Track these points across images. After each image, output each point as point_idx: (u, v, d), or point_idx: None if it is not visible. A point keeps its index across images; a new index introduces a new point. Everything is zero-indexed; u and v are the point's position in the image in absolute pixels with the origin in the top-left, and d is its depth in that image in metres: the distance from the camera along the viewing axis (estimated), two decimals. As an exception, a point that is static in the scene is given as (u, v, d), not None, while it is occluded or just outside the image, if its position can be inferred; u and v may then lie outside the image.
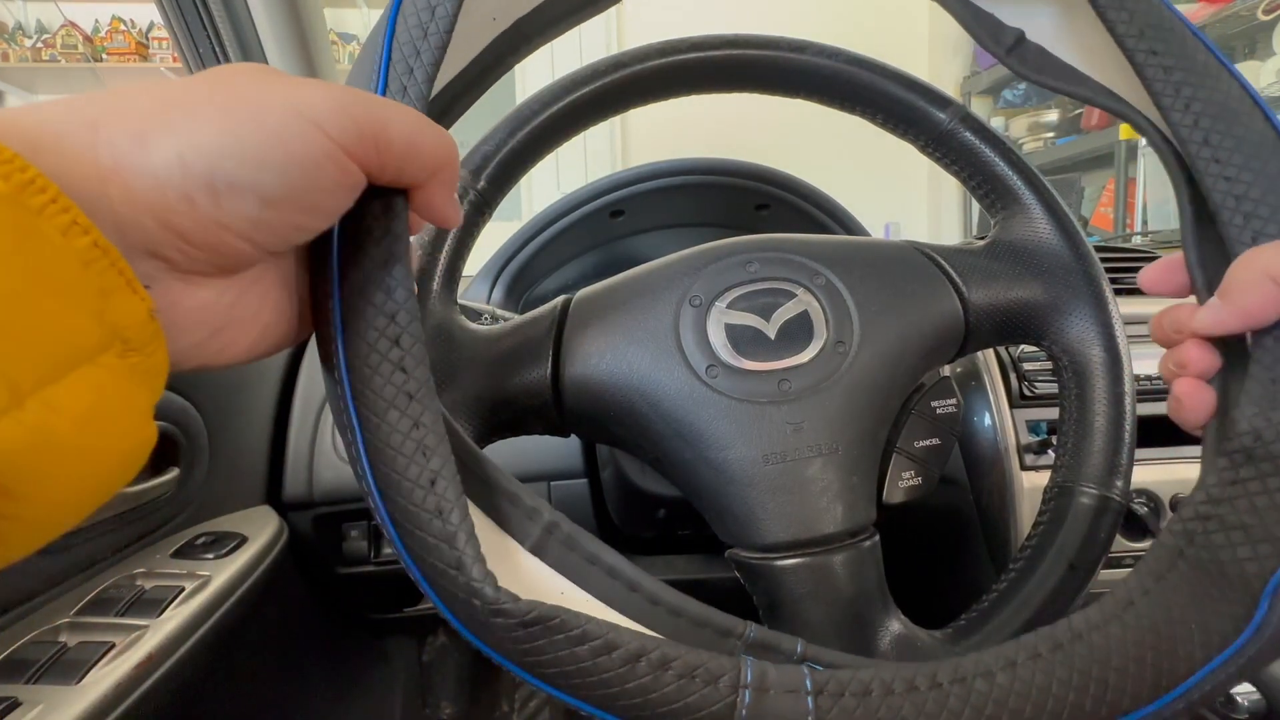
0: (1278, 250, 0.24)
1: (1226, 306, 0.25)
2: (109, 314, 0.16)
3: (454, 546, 0.21)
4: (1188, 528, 0.23)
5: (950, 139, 0.39)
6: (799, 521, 0.31)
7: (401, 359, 0.22)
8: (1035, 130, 2.37)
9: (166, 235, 0.18)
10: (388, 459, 0.21)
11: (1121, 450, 0.35)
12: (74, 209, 0.16)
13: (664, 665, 0.21)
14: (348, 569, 0.61)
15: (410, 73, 0.23)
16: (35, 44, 2.41)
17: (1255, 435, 0.23)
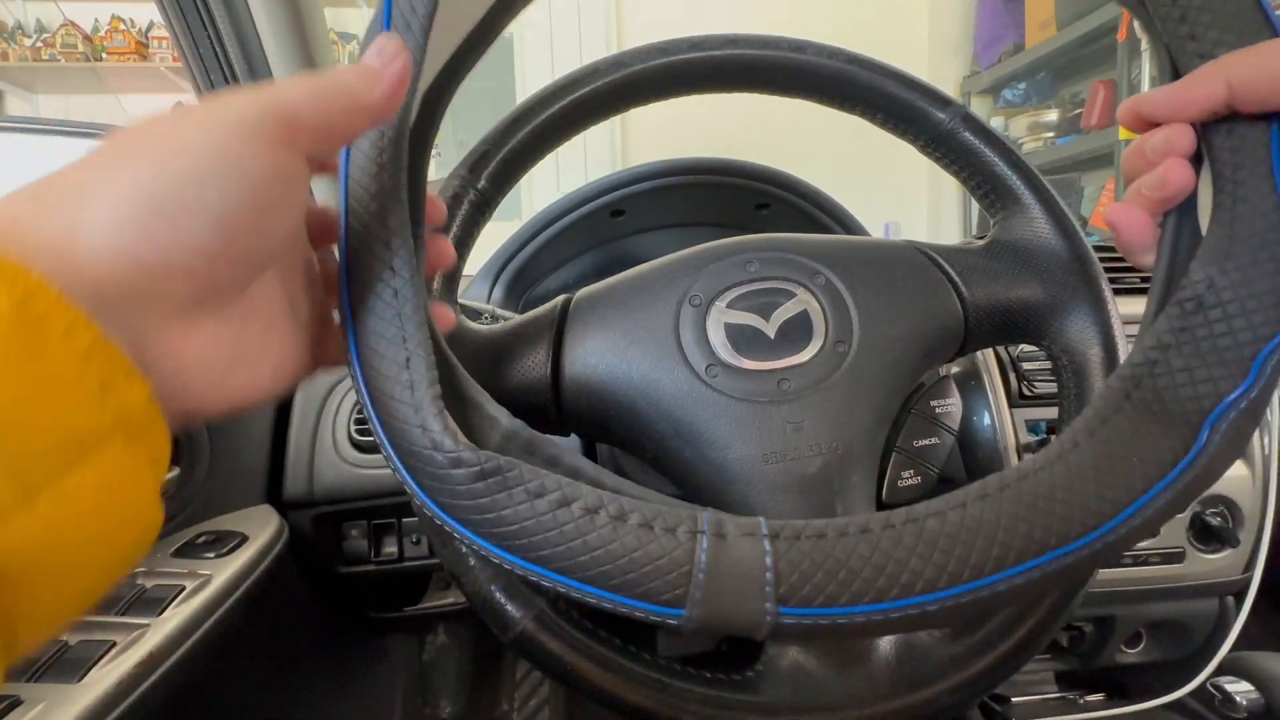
0: (1247, 53, 0.25)
1: (1173, 90, 0.26)
2: (111, 404, 0.17)
3: (419, 409, 0.22)
4: (1135, 372, 0.24)
5: (950, 139, 0.39)
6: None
7: (391, 259, 0.23)
8: (1035, 130, 2.37)
9: (143, 279, 0.18)
10: (371, 343, 0.23)
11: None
12: (74, 308, 0.16)
13: (622, 516, 0.21)
14: (348, 568, 0.61)
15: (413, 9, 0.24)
16: (35, 43, 2.41)
17: (1209, 283, 0.24)
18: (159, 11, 0.64)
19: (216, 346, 0.21)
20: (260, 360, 0.23)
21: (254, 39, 0.63)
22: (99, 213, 0.18)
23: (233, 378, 0.22)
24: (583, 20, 2.42)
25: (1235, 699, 0.49)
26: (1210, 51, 0.25)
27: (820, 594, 0.21)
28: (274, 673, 0.61)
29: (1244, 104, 0.24)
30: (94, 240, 0.18)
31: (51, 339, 0.16)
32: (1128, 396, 0.24)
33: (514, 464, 0.21)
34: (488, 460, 0.21)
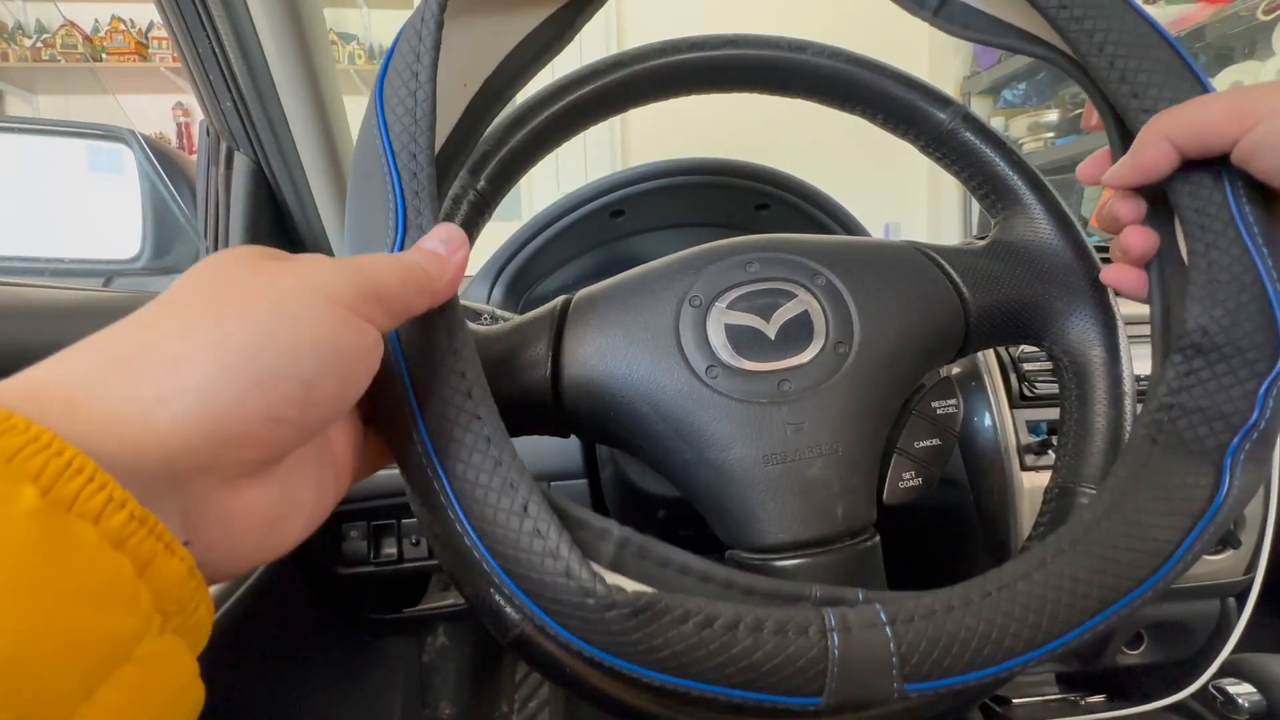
0: (1171, 113, 0.28)
1: (1129, 161, 0.29)
2: (146, 588, 0.16)
3: (559, 557, 0.23)
4: (1155, 419, 0.28)
5: (951, 139, 0.39)
6: (799, 522, 0.31)
7: (476, 408, 0.24)
8: (1035, 130, 2.37)
9: (217, 447, 0.18)
10: (479, 497, 0.23)
11: (1128, 435, 0.35)
12: (110, 483, 0.15)
13: (759, 627, 0.23)
14: (348, 569, 0.61)
15: (414, 158, 0.26)
16: (35, 44, 2.41)
17: (1203, 331, 0.27)
18: (159, 12, 0.64)
19: (266, 506, 0.21)
20: (299, 512, 0.23)
21: (254, 39, 0.63)
22: (194, 382, 0.17)
23: (273, 534, 0.22)
24: (583, 20, 2.41)
25: (1237, 701, 0.49)
26: (1153, 107, 0.28)
27: (939, 668, 0.23)
28: (273, 674, 0.61)
29: (1191, 155, 0.27)
30: (180, 411, 0.17)
31: (80, 535, 0.15)
32: (1154, 442, 0.27)
33: (659, 597, 0.23)
34: (638, 599, 0.22)
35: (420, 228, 0.25)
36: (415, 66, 0.27)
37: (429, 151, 0.26)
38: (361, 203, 0.27)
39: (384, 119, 0.26)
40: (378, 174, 0.26)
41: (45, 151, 0.84)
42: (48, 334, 0.43)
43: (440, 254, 0.25)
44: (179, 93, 2.55)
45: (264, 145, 0.68)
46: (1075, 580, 0.24)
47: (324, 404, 0.20)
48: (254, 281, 0.20)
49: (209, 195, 0.70)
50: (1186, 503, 0.25)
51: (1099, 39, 0.29)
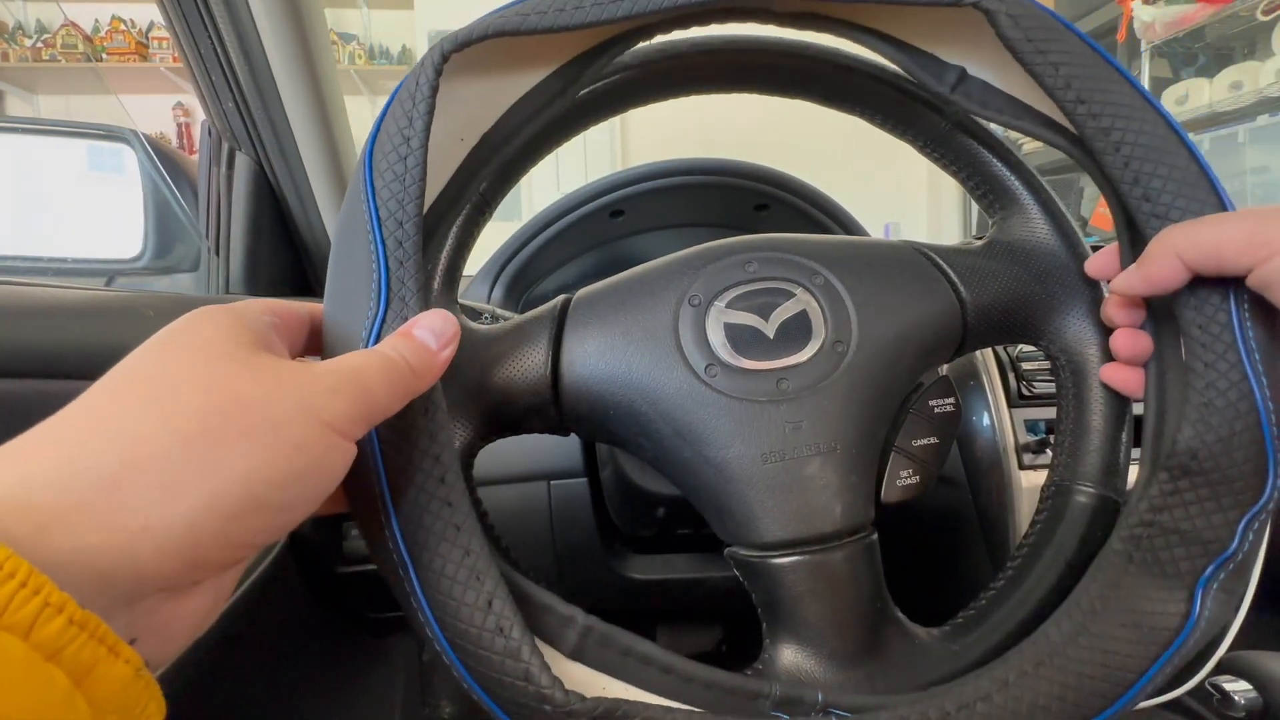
0: (1185, 229, 0.27)
1: (1137, 272, 0.29)
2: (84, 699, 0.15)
3: (519, 660, 0.22)
4: (1134, 534, 0.27)
5: (949, 140, 0.39)
6: (798, 520, 0.31)
7: (448, 495, 0.23)
8: (1035, 130, 2.37)
9: (185, 569, 0.17)
10: (444, 588, 0.23)
11: (1119, 449, 0.35)
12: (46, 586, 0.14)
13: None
14: (348, 569, 0.61)
15: (400, 226, 0.25)
16: (35, 44, 2.42)
17: (1192, 454, 0.27)
18: (159, 11, 0.64)
19: (205, 604, 0.20)
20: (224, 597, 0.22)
21: (254, 39, 0.63)
22: (184, 513, 0.16)
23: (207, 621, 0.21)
24: (583, 21, 2.41)
25: (1234, 698, 0.49)
26: (1165, 214, 0.27)
27: None
28: (273, 673, 0.62)
29: (1201, 273, 0.27)
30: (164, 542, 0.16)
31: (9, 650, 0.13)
32: (1130, 559, 0.27)
33: (618, 704, 0.23)
34: (596, 707, 0.22)
35: (404, 299, 0.25)
36: (407, 132, 0.26)
37: (417, 220, 0.25)
38: (344, 268, 0.26)
39: (371, 183, 0.26)
40: (362, 239, 0.25)
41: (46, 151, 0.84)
42: (49, 334, 0.43)
43: (429, 348, 0.23)
44: (179, 93, 2.55)
45: (265, 145, 0.68)
46: (1035, 706, 0.24)
47: (289, 525, 0.20)
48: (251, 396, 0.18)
49: (210, 195, 0.70)
50: (1154, 630, 0.25)
51: (1115, 138, 0.28)
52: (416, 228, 0.25)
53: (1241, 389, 0.26)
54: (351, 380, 0.21)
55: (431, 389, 0.24)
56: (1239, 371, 0.26)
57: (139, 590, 0.17)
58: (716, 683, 0.25)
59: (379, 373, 0.21)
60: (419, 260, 0.25)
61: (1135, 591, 0.26)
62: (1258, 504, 0.25)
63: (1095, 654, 0.25)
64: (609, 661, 0.25)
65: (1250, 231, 0.25)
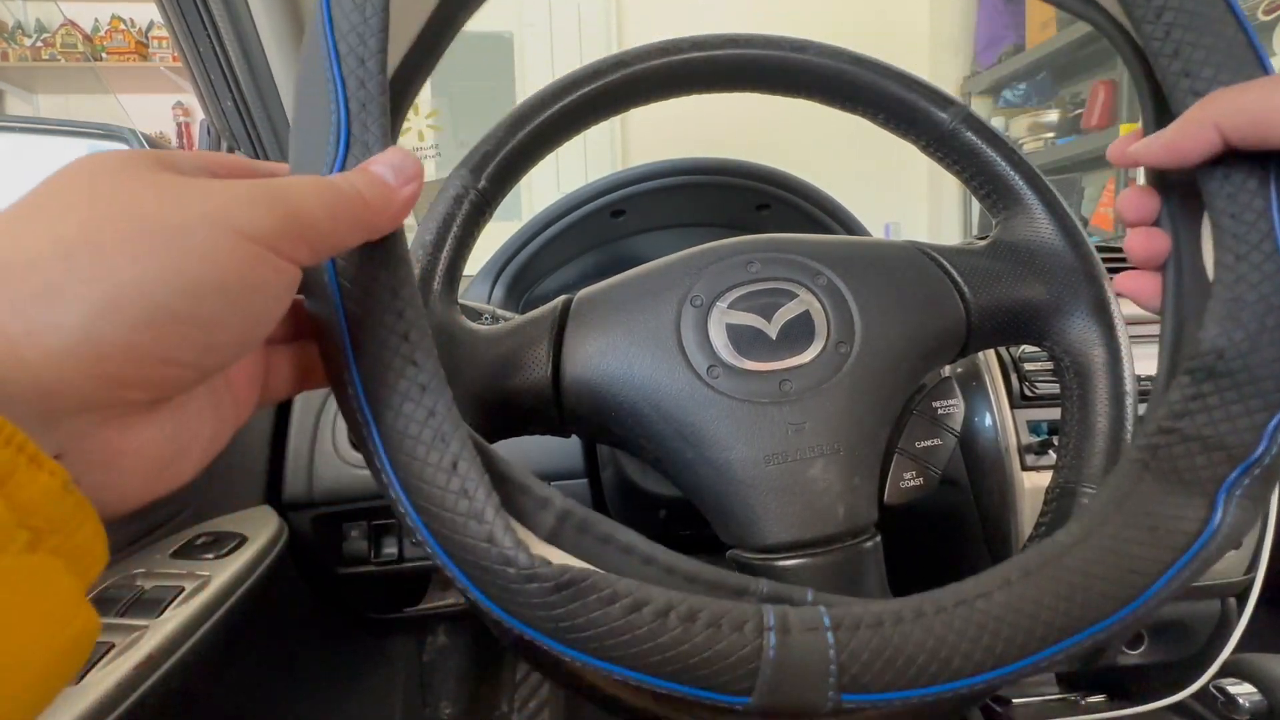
0: (1230, 94, 0.24)
1: (1162, 138, 0.25)
2: (5, 501, 0.14)
3: (483, 521, 0.21)
4: (1152, 442, 0.25)
5: (952, 139, 0.39)
6: (800, 522, 0.31)
7: (412, 353, 0.22)
8: (1035, 130, 2.37)
9: (101, 386, 0.16)
10: (407, 448, 0.22)
11: (1123, 450, 0.35)
12: None
13: (692, 617, 0.22)
14: (348, 569, 0.61)
15: (362, 63, 0.23)
16: (35, 43, 2.41)
17: (1218, 354, 0.24)
18: (159, 11, 0.64)
19: (156, 444, 0.19)
20: (194, 447, 0.21)
21: (254, 39, 0.63)
22: (73, 318, 0.15)
23: (168, 471, 0.20)
24: (583, 20, 2.41)
25: (1238, 701, 0.49)
26: (1205, 89, 0.25)
27: (879, 681, 0.22)
28: (274, 674, 0.61)
29: (1240, 145, 0.24)
30: (56, 346, 0.15)
31: None
32: (1146, 467, 0.25)
33: (587, 573, 0.22)
34: (563, 574, 0.21)
35: (366, 145, 0.23)
36: None
37: (380, 56, 0.23)
38: (303, 115, 0.24)
39: (330, 16, 0.23)
40: (320, 82, 0.23)
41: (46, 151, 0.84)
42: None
43: (386, 181, 0.22)
44: (179, 92, 2.55)
45: (264, 144, 0.68)
46: (1039, 605, 0.23)
47: (227, 346, 0.19)
48: (146, 202, 0.17)
49: (209, 195, 0.70)
50: (1171, 534, 0.24)
51: (1158, 3, 0.26)
52: (379, 66, 0.23)
53: (1276, 281, 0.24)
54: (276, 193, 0.19)
55: (395, 243, 0.23)
56: (1274, 263, 0.24)
57: (49, 404, 0.16)
58: (700, 576, 0.24)
59: (315, 193, 0.20)
60: (383, 103, 0.23)
61: (1151, 497, 0.24)
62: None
63: (1105, 555, 0.23)
64: (586, 548, 0.24)
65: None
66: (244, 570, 0.46)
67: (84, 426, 0.17)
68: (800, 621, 0.22)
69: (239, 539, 0.49)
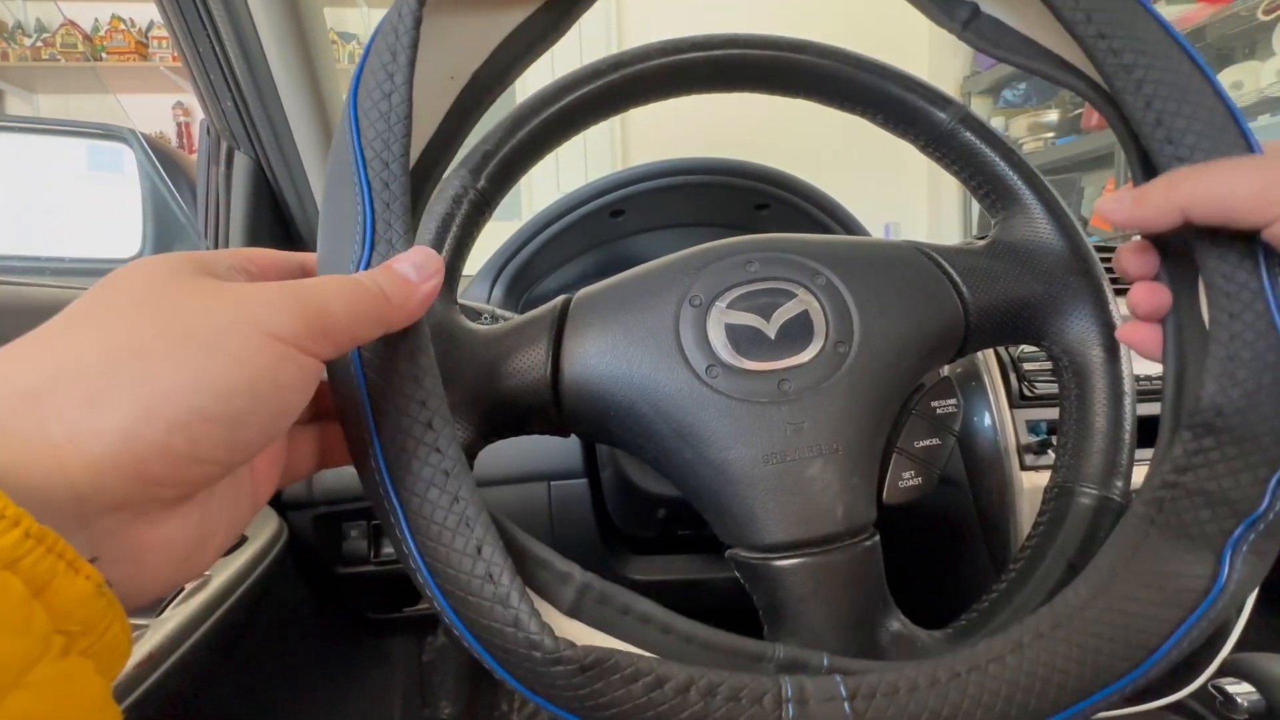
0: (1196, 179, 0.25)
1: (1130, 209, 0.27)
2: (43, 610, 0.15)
3: (509, 606, 0.22)
4: (1157, 496, 0.26)
5: (951, 139, 0.39)
6: (799, 522, 0.31)
7: (436, 440, 0.23)
8: (1035, 130, 2.37)
9: (135, 487, 0.17)
10: (433, 534, 0.22)
11: (1122, 450, 0.35)
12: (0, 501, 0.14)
13: (712, 691, 0.22)
14: (347, 569, 0.61)
15: (387, 166, 0.24)
16: (35, 43, 2.41)
17: (1217, 410, 0.25)
18: (159, 11, 0.64)
19: (183, 535, 0.19)
20: (218, 534, 0.22)
21: (254, 39, 0.63)
22: (114, 425, 0.16)
23: (190, 561, 0.20)
24: (583, 20, 2.41)
25: (1237, 700, 0.49)
26: (1189, 156, 0.26)
27: None
28: (273, 673, 0.61)
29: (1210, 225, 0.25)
30: (96, 451, 0.16)
31: None
32: (1152, 522, 0.25)
33: (610, 654, 0.22)
34: (586, 656, 0.22)
35: (390, 243, 0.24)
36: (390, 68, 0.25)
37: (403, 160, 0.25)
38: (332, 214, 0.25)
39: (357, 124, 0.25)
40: (348, 183, 0.24)
41: (45, 151, 0.84)
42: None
43: (409, 279, 0.23)
44: (179, 92, 2.55)
45: (264, 144, 0.68)
46: (1051, 669, 0.23)
47: (252, 442, 0.19)
48: (186, 310, 0.18)
49: (209, 194, 0.70)
50: (1179, 593, 0.24)
51: (1138, 76, 0.27)
52: (403, 168, 0.24)
53: (1269, 339, 0.24)
54: (301, 295, 0.20)
55: (417, 334, 0.24)
56: (1266, 321, 0.25)
57: (83, 507, 0.16)
58: (717, 644, 0.25)
59: (339, 292, 0.21)
60: (406, 202, 0.24)
61: (1158, 554, 0.25)
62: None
63: (1115, 615, 0.24)
64: (606, 619, 0.25)
65: (1259, 190, 0.24)
66: (244, 570, 0.46)
67: (115, 524, 0.17)
68: (818, 692, 0.23)
69: (239, 539, 0.49)
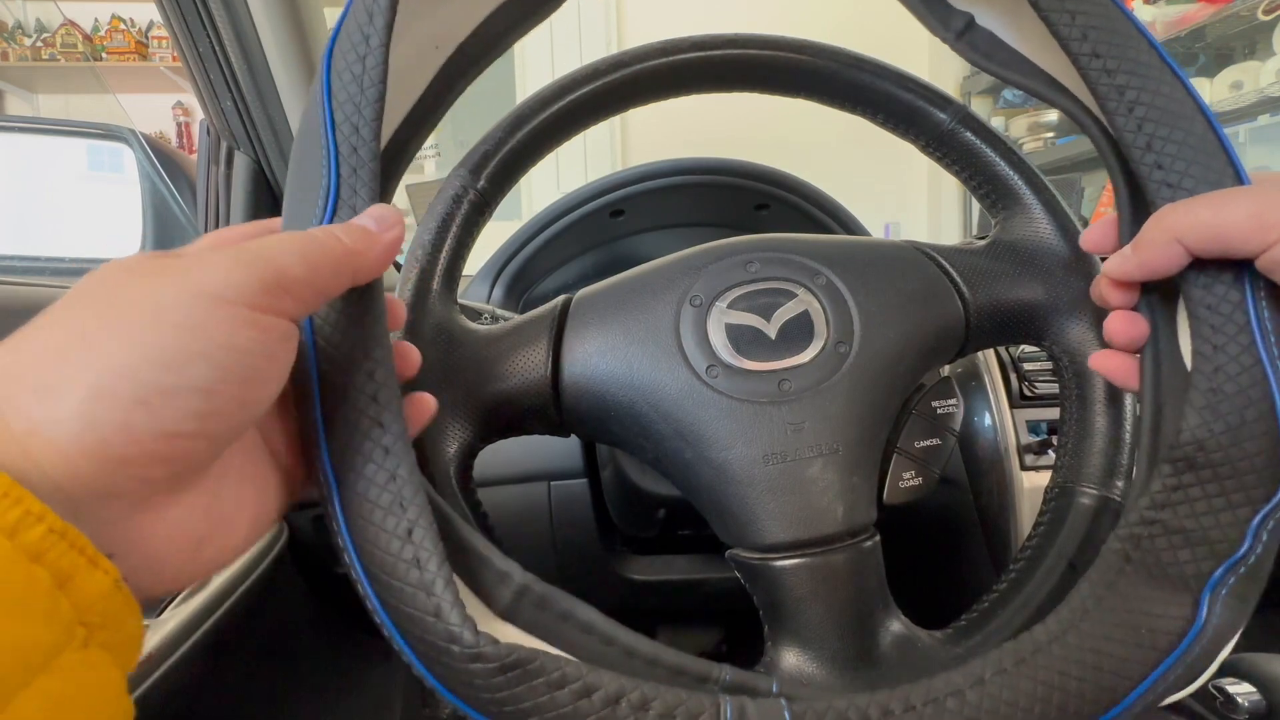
0: (1183, 211, 0.25)
1: (1133, 257, 0.27)
2: (67, 602, 0.15)
3: (431, 593, 0.21)
4: (1134, 532, 0.25)
5: (951, 139, 0.39)
6: (799, 522, 0.31)
7: (379, 414, 0.22)
8: (1035, 130, 2.37)
9: (111, 470, 0.17)
10: (364, 511, 0.21)
11: (1122, 450, 0.35)
12: (26, 497, 0.15)
13: (644, 705, 0.21)
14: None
15: (356, 131, 0.23)
16: (35, 43, 2.41)
17: (1198, 445, 0.24)
18: (159, 11, 0.64)
19: (190, 522, 0.19)
20: (235, 523, 0.21)
21: (254, 39, 0.63)
22: (68, 409, 0.16)
23: (205, 549, 0.20)
24: (583, 20, 2.41)
25: (1237, 700, 0.49)
26: (1178, 183, 0.25)
27: None
28: (273, 674, 0.61)
29: (1205, 256, 0.25)
30: (60, 438, 0.16)
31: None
32: (1128, 560, 0.24)
33: (534, 655, 0.21)
34: (509, 654, 0.20)
35: (353, 208, 0.23)
36: (366, 29, 0.24)
37: (374, 125, 0.24)
38: (296, 175, 0.24)
39: (329, 85, 0.24)
40: (315, 146, 0.24)
41: (45, 151, 0.84)
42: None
43: (368, 228, 0.22)
44: (179, 92, 2.55)
45: (264, 144, 0.68)
46: (1012, 706, 0.22)
47: (229, 411, 0.19)
48: (133, 292, 0.18)
49: (209, 194, 0.70)
50: (1153, 634, 0.23)
51: (1130, 98, 0.26)
52: (373, 133, 0.24)
53: (1254, 374, 0.24)
54: (249, 255, 0.19)
55: (373, 297, 0.23)
56: (1252, 355, 0.24)
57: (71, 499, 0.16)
58: (661, 659, 0.23)
59: (286, 244, 0.20)
60: (374, 169, 0.23)
61: (1133, 593, 0.24)
62: (1272, 501, 0.23)
63: (1085, 654, 0.22)
64: (543, 625, 0.23)
65: (1257, 212, 0.23)
66: (243, 570, 0.46)
67: (113, 515, 0.17)
68: (759, 715, 0.21)
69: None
